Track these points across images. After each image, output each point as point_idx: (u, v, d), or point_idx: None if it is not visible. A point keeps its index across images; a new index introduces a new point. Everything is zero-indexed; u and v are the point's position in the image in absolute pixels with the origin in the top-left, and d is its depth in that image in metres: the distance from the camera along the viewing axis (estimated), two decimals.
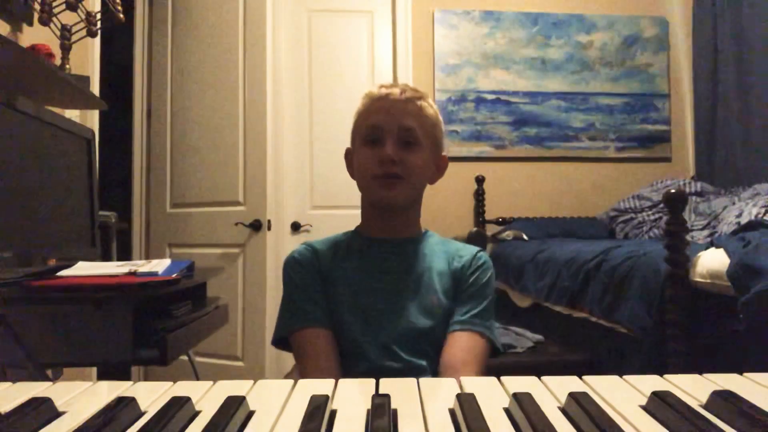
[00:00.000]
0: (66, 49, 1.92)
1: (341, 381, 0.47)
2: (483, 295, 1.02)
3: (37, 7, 1.84)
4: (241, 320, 2.74)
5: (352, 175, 1.10)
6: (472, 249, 1.09)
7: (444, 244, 1.10)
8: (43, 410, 0.39)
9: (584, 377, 0.46)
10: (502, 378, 0.46)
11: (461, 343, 0.96)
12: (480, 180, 3.21)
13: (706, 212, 2.70)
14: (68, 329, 1.18)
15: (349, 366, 0.95)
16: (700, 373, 0.48)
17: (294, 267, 1.05)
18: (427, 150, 1.03)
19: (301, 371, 0.96)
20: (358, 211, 1.11)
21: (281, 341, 1.02)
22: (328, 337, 0.97)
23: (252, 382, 0.47)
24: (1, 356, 1.13)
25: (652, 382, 0.45)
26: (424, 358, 0.96)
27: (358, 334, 0.97)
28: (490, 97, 3.30)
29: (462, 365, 0.92)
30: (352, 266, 1.03)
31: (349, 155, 1.11)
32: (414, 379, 0.46)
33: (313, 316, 0.98)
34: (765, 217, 2.13)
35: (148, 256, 3.01)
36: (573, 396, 0.39)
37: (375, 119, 1.01)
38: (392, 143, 0.99)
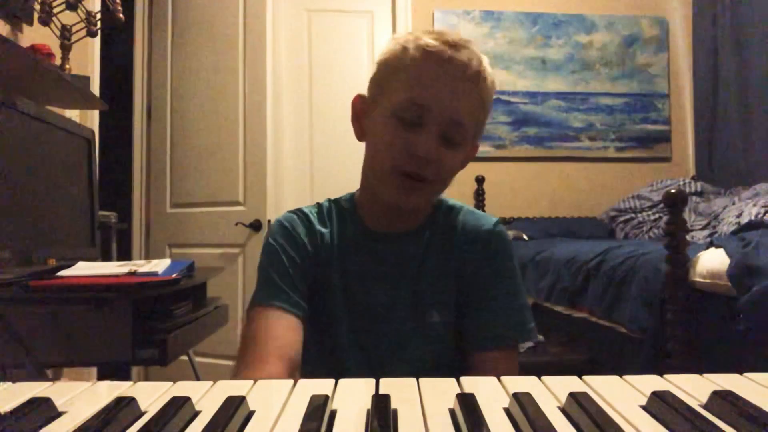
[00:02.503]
0: (66, 49, 1.92)
1: (341, 381, 0.46)
2: (509, 288, 0.83)
3: (37, 7, 1.84)
4: (241, 320, 2.74)
5: (359, 133, 0.85)
6: (484, 230, 0.85)
7: (452, 225, 0.87)
8: (43, 410, 0.39)
9: (584, 377, 0.46)
10: (503, 378, 0.46)
11: (497, 371, 0.74)
12: (480, 180, 3.20)
13: (706, 212, 2.70)
14: (68, 329, 1.18)
15: None
16: (700, 373, 0.48)
17: (282, 237, 0.83)
18: (467, 145, 0.81)
19: (239, 356, 0.75)
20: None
21: None
22: (294, 327, 0.77)
23: (252, 382, 0.47)
24: (1, 356, 1.13)
25: (652, 382, 0.45)
26: None
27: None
28: None
29: None
30: (351, 266, 0.84)
31: (361, 105, 0.84)
32: (414, 379, 0.46)
33: (284, 297, 0.78)
34: (765, 217, 2.13)
35: (148, 256, 3.01)
36: (573, 396, 0.39)
37: (423, 95, 0.74)
38: (434, 137, 0.75)
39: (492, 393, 0.44)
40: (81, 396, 0.44)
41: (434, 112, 0.74)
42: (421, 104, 0.74)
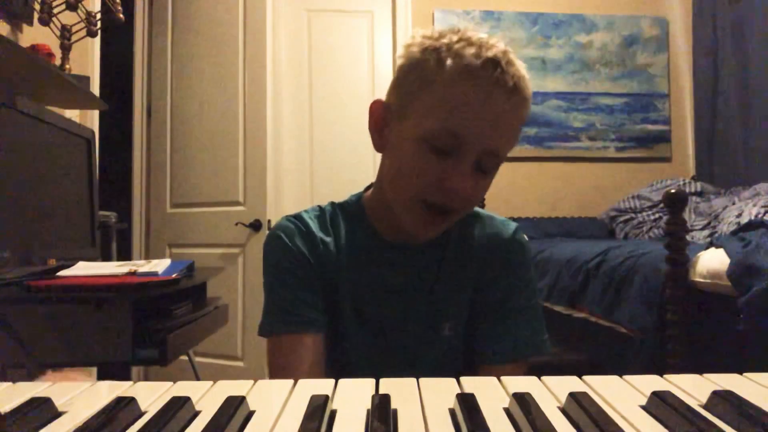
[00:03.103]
0: (66, 49, 1.92)
1: (341, 381, 0.46)
2: (526, 300, 0.80)
3: (37, 7, 1.84)
4: (241, 320, 2.74)
5: (378, 144, 0.76)
6: (503, 239, 0.82)
7: (470, 233, 0.82)
8: (43, 410, 0.39)
9: (584, 377, 0.46)
10: (503, 378, 0.46)
11: None
12: None
13: (706, 212, 2.70)
14: (68, 329, 1.18)
15: None
16: (700, 373, 0.48)
17: (280, 252, 0.78)
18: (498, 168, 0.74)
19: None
20: None
21: None
22: (315, 345, 0.74)
23: (252, 382, 0.47)
24: (1, 356, 1.13)
25: (652, 382, 0.45)
26: None
27: None
28: None
29: None
30: (361, 277, 0.79)
31: (382, 114, 0.75)
32: (414, 379, 0.46)
33: (301, 320, 0.75)
34: (765, 217, 2.13)
35: (148, 256, 3.01)
36: (573, 396, 0.39)
37: (462, 126, 0.66)
38: (469, 168, 0.68)
39: (492, 393, 0.44)
40: (81, 396, 0.44)
41: (473, 143, 0.67)
42: (460, 135, 0.66)
